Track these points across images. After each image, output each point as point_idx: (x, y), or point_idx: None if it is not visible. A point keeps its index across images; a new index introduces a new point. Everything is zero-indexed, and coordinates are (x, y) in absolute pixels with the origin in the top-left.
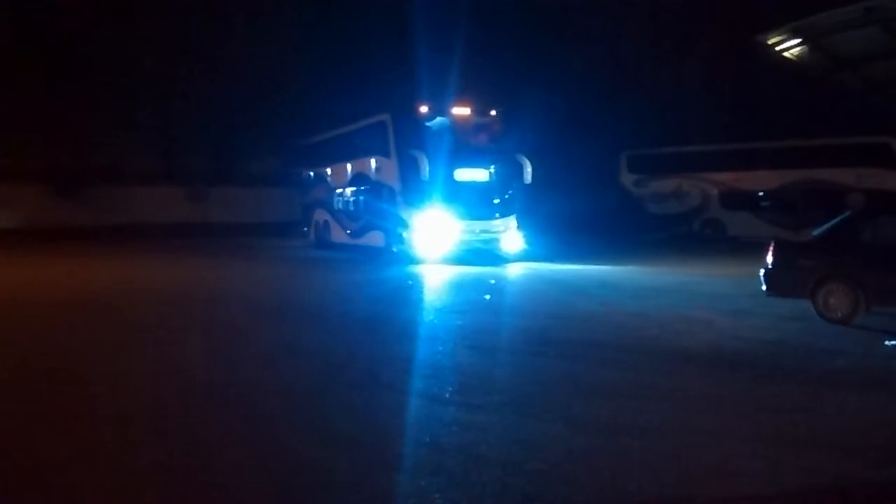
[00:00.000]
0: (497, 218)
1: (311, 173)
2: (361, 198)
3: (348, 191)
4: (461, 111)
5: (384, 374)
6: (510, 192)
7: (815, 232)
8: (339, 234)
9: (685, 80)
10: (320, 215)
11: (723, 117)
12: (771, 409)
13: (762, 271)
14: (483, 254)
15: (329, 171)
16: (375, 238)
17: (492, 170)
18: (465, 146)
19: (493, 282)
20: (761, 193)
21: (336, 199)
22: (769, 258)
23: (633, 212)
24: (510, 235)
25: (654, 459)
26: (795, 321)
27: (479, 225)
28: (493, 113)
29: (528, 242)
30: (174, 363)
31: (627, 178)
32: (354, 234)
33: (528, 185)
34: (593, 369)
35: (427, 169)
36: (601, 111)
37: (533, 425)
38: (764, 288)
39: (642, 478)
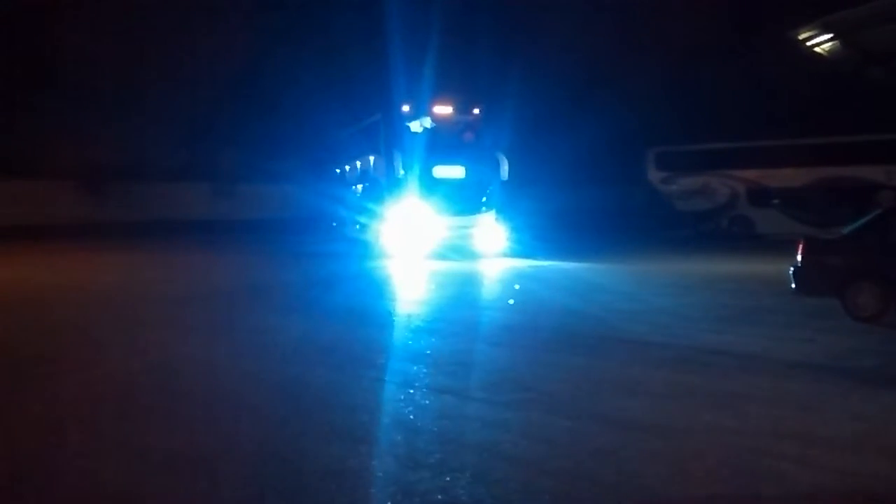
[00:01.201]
0: (474, 214)
1: (337, 170)
2: (363, 194)
3: (358, 187)
4: (443, 110)
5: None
6: (489, 188)
7: (846, 230)
8: (351, 229)
9: (713, 77)
10: (342, 210)
11: (751, 114)
12: (798, 407)
13: (791, 269)
14: (460, 249)
15: (347, 168)
16: (372, 233)
17: (470, 167)
18: (445, 144)
19: (517, 286)
20: (773, 198)
21: (350, 195)
22: (798, 256)
23: (660, 209)
24: (488, 232)
25: (681, 458)
26: (823, 319)
27: (457, 221)
28: (476, 111)
29: (536, 239)
30: (180, 360)
31: (655, 175)
32: (360, 229)
33: (505, 181)
34: (616, 366)
35: (403, 166)
36: (627, 107)
37: (558, 423)
38: (793, 286)
39: (668, 476)
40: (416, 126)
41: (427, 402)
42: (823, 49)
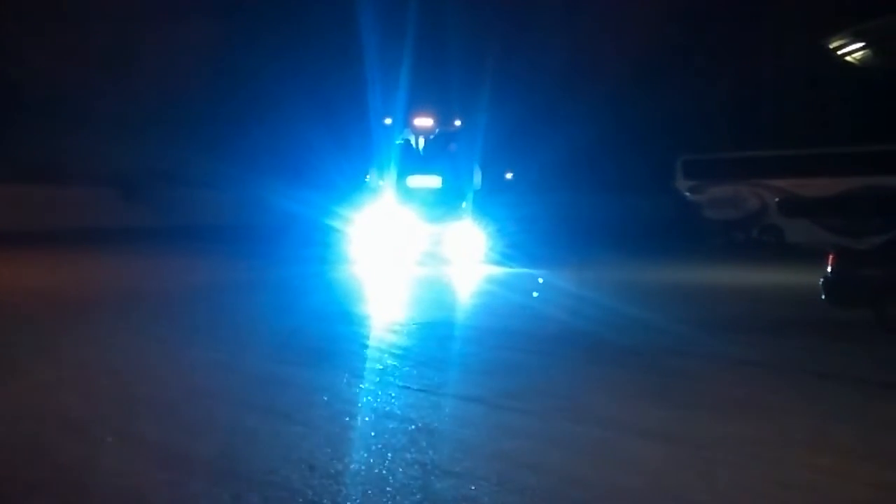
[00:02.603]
0: (448, 222)
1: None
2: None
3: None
4: (424, 122)
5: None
6: (464, 197)
7: (878, 240)
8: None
9: (744, 84)
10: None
11: (783, 122)
12: (831, 418)
13: (822, 280)
14: (435, 257)
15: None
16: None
17: (449, 177)
18: (424, 155)
19: (540, 280)
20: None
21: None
22: (829, 267)
23: (688, 218)
24: (464, 239)
25: (711, 468)
26: (856, 330)
27: (432, 228)
28: (458, 122)
29: (553, 248)
30: (189, 360)
31: (683, 184)
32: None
33: (479, 190)
34: (643, 376)
35: (385, 176)
36: (656, 114)
37: (585, 431)
38: (823, 297)
39: (699, 487)
40: (398, 138)
41: (452, 409)
42: (855, 57)
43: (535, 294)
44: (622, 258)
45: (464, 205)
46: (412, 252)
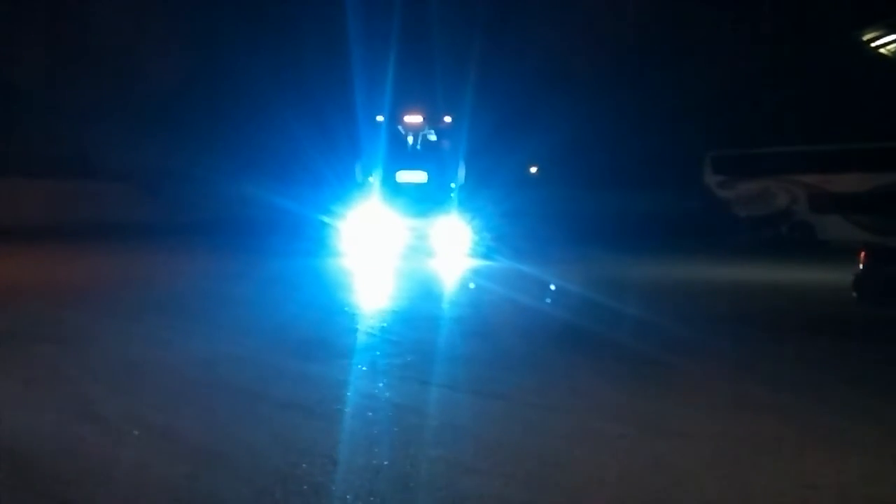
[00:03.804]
0: (434, 216)
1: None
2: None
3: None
4: (412, 118)
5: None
6: (449, 192)
7: None
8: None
9: (775, 78)
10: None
11: (814, 117)
12: (866, 419)
13: (853, 277)
14: (422, 250)
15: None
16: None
17: (437, 172)
18: (408, 151)
19: (552, 287)
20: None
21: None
22: (860, 264)
23: (717, 214)
24: (450, 233)
25: (741, 470)
26: (888, 328)
27: (417, 223)
28: (448, 119)
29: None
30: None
31: (712, 180)
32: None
33: (463, 186)
34: (669, 374)
35: (374, 172)
36: (684, 106)
37: (612, 429)
38: (855, 294)
39: (727, 488)
40: (388, 134)
41: (474, 405)
42: (888, 50)
43: (548, 301)
44: (629, 256)
45: (451, 197)
46: (399, 246)
